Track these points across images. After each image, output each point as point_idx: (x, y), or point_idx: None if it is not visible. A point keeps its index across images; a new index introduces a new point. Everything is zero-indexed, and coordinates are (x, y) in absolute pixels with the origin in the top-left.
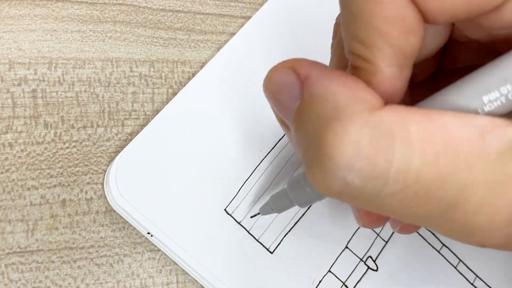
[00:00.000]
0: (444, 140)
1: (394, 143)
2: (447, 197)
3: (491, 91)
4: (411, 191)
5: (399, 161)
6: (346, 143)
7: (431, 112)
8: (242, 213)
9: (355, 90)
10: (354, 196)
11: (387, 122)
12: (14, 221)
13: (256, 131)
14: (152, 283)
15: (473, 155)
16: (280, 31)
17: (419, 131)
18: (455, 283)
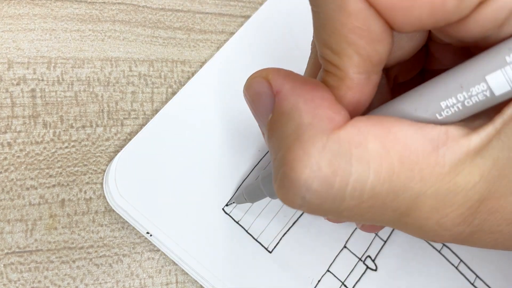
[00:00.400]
0: (399, 155)
1: (351, 164)
2: (400, 208)
3: (448, 97)
4: (367, 205)
5: (355, 180)
6: (304, 165)
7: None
8: (240, 212)
9: (320, 108)
10: (314, 210)
11: (346, 143)
12: (13, 221)
13: (255, 130)
14: (151, 283)
15: (427, 168)
16: (279, 30)
17: (376, 148)
18: (455, 283)
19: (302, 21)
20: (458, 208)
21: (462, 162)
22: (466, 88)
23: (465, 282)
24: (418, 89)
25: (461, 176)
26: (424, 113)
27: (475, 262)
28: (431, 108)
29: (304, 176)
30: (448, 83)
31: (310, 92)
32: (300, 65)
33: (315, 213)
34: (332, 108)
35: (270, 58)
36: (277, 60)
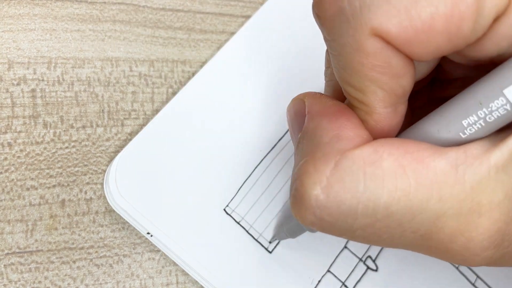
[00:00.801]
0: (416, 174)
1: (363, 181)
2: (420, 229)
3: (469, 116)
4: (382, 224)
5: (367, 198)
6: (314, 182)
7: (410, 144)
8: (241, 213)
9: (342, 128)
10: (327, 228)
11: (359, 160)
12: (13, 222)
13: (256, 131)
14: (152, 284)
15: (446, 187)
16: (280, 30)
17: (391, 166)
18: (456, 283)
19: (303, 21)
20: (485, 231)
21: (484, 180)
22: (485, 104)
23: (466, 282)
24: (438, 111)
25: (484, 195)
26: (447, 134)
27: None
28: (453, 128)
29: (314, 192)
30: (467, 101)
31: (336, 114)
32: (301, 65)
33: (329, 232)
34: (354, 130)
35: (271, 58)
36: (278, 60)
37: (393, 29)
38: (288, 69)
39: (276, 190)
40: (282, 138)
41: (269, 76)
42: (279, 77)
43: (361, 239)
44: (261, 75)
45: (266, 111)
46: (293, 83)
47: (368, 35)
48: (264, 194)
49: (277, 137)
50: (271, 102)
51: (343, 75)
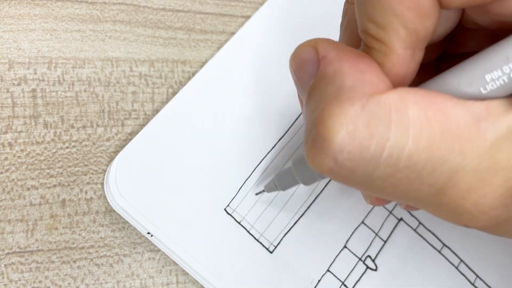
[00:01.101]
0: (441, 125)
1: (389, 128)
2: (437, 182)
3: (494, 70)
4: (402, 175)
5: (392, 145)
6: (340, 124)
7: (434, 95)
8: (242, 213)
9: (364, 73)
10: (345, 176)
11: (386, 106)
12: (14, 221)
13: (256, 130)
14: (152, 284)
15: (467, 141)
16: (280, 30)
17: (417, 115)
18: (455, 283)
19: (303, 21)
20: (497, 189)
21: (504, 138)
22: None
23: (465, 282)
24: (461, 64)
25: (502, 153)
26: (467, 87)
27: (475, 262)
28: (475, 82)
29: (339, 136)
30: (493, 55)
31: (355, 59)
32: None
33: (345, 181)
34: (376, 74)
35: (271, 58)
36: (278, 60)
37: None
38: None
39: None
40: (282, 138)
41: (269, 76)
42: (279, 77)
43: (376, 190)
44: (261, 75)
45: (266, 111)
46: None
47: None
48: (264, 194)
49: (277, 137)
50: (271, 102)
51: (367, 8)
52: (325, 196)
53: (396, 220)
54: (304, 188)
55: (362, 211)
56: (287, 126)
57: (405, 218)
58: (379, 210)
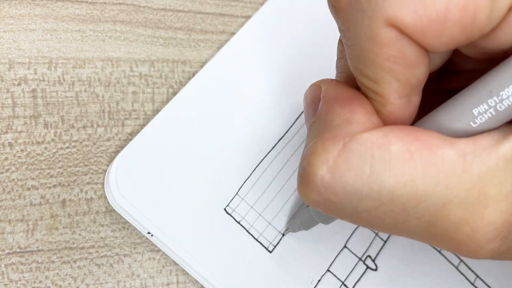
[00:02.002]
0: (424, 159)
1: (371, 163)
2: (425, 215)
3: (480, 104)
4: (387, 208)
5: (373, 180)
6: (321, 162)
7: (420, 132)
8: (241, 213)
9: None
10: (332, 209)
11: (368, 143)
12: (14, 221)
13: (256, 130)
14: (152, 283)
15: (452, 175)
16: (280, 30)
17: (400, 150)
18: (455, 283)
19: (303, 21)
20: (491, 223)
21: (492, 170)
22: (496, 92)
23: (465, 282)
24: (450, 101)
25: (492, 185)
26: (457, 123)
27: (475, 262)
28: (464, 117)
29: (320, 172)
30: (478, 91)
31: (349, 99)
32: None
33: (334, 214)
34: (365, 115)
35: (271, 58)
36: (278, 60)
37: (408, 19)
38: (288, 69)
39: (276, 190)
40: (282, 138)
41: (269, 76)
42: (279, 77)
43: (365, 223)
44: (261, 75)
45: (266, 111)
46: (294, 83)
47: (382, 25)
48: (264, 193)
49: (277, 137)
50: (271, 102)
51: (357, 65)
52: None
53: None
54: None
55: None
56: (287, 127)
57: None
58: None
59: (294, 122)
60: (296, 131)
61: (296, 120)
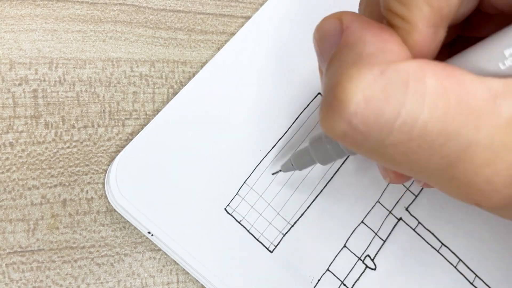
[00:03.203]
0: (457, 96)
1: (406, 94)
2: (450, 154)
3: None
4: (415, 144)
5: (407, 112)
6: (357, 88)
7: (453, 68)
8: (242, 213)
9: (386, 42)
10: (358, 141)
11: (404, 74)
12: (15, 221)
13: (256, 130)
14: (152, 283)
15: (483, 116)
16: (280, 30)
17: (434, 85)
18: (454, 282)
19: (303, 21)
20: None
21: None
22: None
23: (464, 281)
24: (481, 42)
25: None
26: (486, 63)
27: (474, 262)
28: (494, 57)
29: (355, 98)
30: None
31: (378, 30)
32: (301, 65)
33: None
34: (398, 45)
35: (271, 58)
36: (278, 60)
37: None
38: (288, 69)
39: (277, 189)
40: (282, 137)
41: (269, 76)
42: (279, 77)
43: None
44: (261, 75)
45: (266, 111)
46: (293, 83)
47: None
48: (265, 193)
49: (277, 137)
50: (271, 102)
51: None
52: (325, 195)
53: (395, 219)
54: (304, 187)
55: (361, 210)
56: (287, 126)
57: (404, 218)
58: (379, 210)
59: (294, 122)
60: (295, 130)
61: (295, 120)
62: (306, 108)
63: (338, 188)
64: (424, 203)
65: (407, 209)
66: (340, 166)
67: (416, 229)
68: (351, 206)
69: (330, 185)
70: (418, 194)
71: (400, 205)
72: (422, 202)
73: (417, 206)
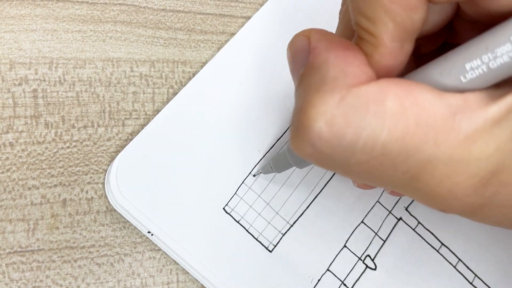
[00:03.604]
0: (416, 116)
1: (366, 118)
2: (411, 170)
3: (473, 59)
4: (377, 162)
5: (367, 135)
6: (319, 113)
7: (414, 86)
8: (240, 212)
9: (349, 65)
10: (324, 162)
11: (365, 97)
12: (15, 221)
13: (255, 131)
14: (152, 283)
15: (442, 133)
16: (280, 30)
17: (394, 106)
18: (454, 282)
19: (303, 21)
20: (470, 178)
21: (478, 132)
22: (491, 49)
23: (464, 281)
24: (444, 55)
25: (476, 145)
26: (448, 76)
27: (473, 261)
28: (455, 71)
29: (317, 124)
30: (473, 46)
31: (343, 51)
32: None
33: (324, 165)
34: (361, 67)
35: (271, 58)
36: (278, 60)
37: None
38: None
39: (275, 189)
40: (281, 137)
41: (269, 76)
42: (278, 77)
43: (353, 175)
44: (261, 76)
45: (265, 111)
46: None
47: None
48: (263, 193)
49: (275, 138)
50: (271, 102)
51: (358, 3)
52: (325, 195)
53: (395, 219)
54: (304, 187)
55: (361, 210)
56: (285, 127)
57: (404, 218)
58: (379, 210)
59: None
60: None
61: None
62: None
63: (338, 188)
64: None
65: (407, 209)
66: None
67: (416, 229)
68: (351, 206)
69: (330, 184)
70: None
71: (400, 205)
72: None
73: (417, 206)
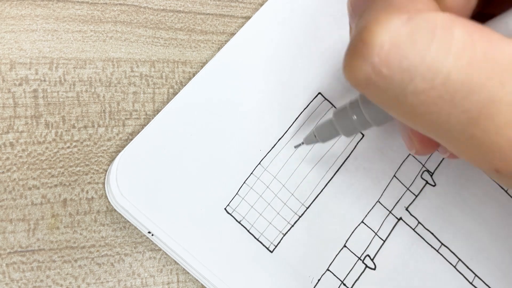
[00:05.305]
0: (485, 49)
1: (432, 41)
2: (471, 109)
3: None
4: (436, 93)
5: (431, 58)
6: (384, 31)
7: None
8: (242, 212)
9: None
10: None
11: (432, 22)
12: (15, 221)
13: (256, 130)
14: (153, 283)
15: (509, 72)
16: (280, 31)
17: (462, 36)
18: (454, 282)
19: (303, 21)
20: None
21: None
22: None
23: (464, 281)
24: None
25: None
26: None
27: (473, 261)
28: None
29: (380, 40)
30: None
31: None
32: (300, 65)
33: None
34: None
35: (271, 58)
36: (278, 60)
37: None
38: (288, 70)
39: (276, 189)
40: (282, 137)
41: (269, 76)
42: (278, 77)
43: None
44: (261, 76)
45: (266, 111)
46: (293, 83)
47: None
48: (264, 193)
49: (277, 137)
50: (271, 102)
51: None
52: (325, 196)
53: (395, 219)
54: (304, 187)
55: (361, 210)
56: (287, 126)
57: (404, 218)
58: (379, 210)
59: (293, 123)
60: (295, 130)
61: (295, 120)
62: (306, 108)
63: (338, 188)
64: (424, 203)
65: (407, 209)
66: (340, 166)
67: (416, 229)
68: (351, 206)
69: (330, 185)
70: (418, 194)
71: (400, 205)
72: (422, 202)
73: (417, 206)
